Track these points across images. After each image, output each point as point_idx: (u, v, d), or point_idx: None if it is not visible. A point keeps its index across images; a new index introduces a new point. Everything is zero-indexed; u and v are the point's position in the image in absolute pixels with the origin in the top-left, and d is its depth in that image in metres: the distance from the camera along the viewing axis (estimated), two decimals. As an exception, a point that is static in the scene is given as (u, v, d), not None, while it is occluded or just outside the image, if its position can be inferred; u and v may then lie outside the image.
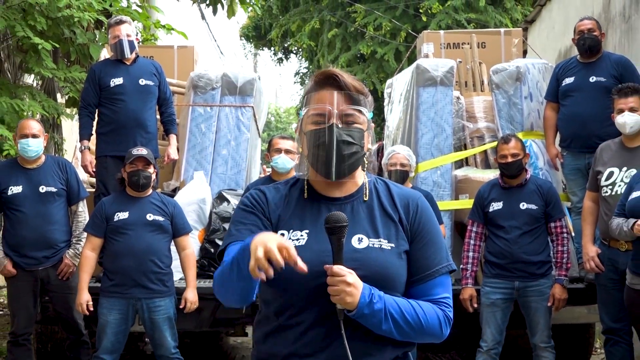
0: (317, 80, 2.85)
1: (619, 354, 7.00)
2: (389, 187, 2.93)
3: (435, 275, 2.82)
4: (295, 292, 2.71)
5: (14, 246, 7.41)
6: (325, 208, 2.81)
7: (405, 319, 2.69)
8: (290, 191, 2.90)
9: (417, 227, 2.85)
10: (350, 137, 2.77)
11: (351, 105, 2.79)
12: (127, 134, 8.04)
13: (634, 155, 6.79)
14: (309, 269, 2.60)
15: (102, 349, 7.09)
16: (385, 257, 2.76)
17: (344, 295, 2.59)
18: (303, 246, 2.71)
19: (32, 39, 9.80)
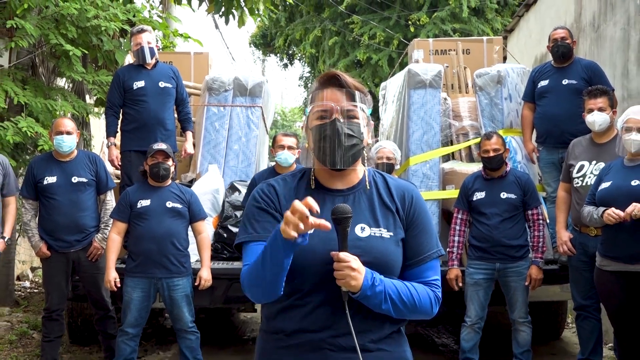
0: (321, 80, 2.85)
1: (588, 328, 7.03)
2: (386, 179, 2.93)
3: (426, 260, 2.84)
4: (305, 276, 2.72)
5: (49, 231, 7.43)
6: (330, 199, 2.81)
7: (402, 299, 2.71)
8: (298, 183, 2.89)
9: (412, 217, 2.86)
10: (351, 130, 2.77)
11: (351, 102, 2.79)
12: (148, 131, 8.06)
13: (603, 150, 6.79)
14: (316, 256, 2.66)
15: (126, 323, 7.13)
16: (385, 245, 2.78)
17: (349, 279, 2.60)
18: (311, 234, 2.66)
19: (64, 46, 9.80)
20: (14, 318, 9.92)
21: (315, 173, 2.89)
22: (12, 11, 9.83)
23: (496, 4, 19.65)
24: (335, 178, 2.86)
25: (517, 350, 7.33)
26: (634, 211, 5.84)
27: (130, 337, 7.16)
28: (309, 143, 2.87)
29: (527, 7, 12.94)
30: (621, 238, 6.01)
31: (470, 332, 7.29)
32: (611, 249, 6.14)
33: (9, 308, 10.45)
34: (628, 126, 6.08)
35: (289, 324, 2.78)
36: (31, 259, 13.68)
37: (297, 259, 2.65)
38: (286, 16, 23.01)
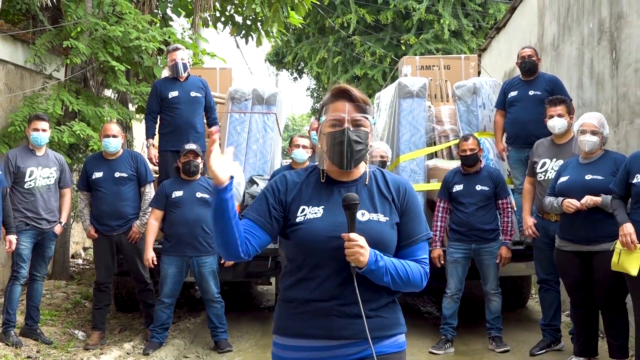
0: (333, 93, 2.87)
1: (549, 298, 7.04)
2: (384, 174, 2.94)
3: (418, 242, 2.85)
4: (314, 252, 2.75)
5: (96, 217, 7.48)
6: (337, 190, 2.83)
7: (399, 274, 2.73)
8: (308, 177, 2.91)
9: (405, 205, 2.87)
10: (359, 138, 2.79)
11: (359, 113, 2.82)
12: (181, 134, 8.05)
13: (561, 150, 6.80)
14: (324, 235, 2.72)
15: (163, 294, 7.17)
16: (381, 227, 2.79)
17: (357, 256, 2.63)
18: (320, 218, 2.77)
19: (110, 62, 9.81)
20: (69, 290, 9.93)
21: (326, 169, 2.90)
22: (67, 33, 9.86)
23: (472, 27, 19.62)
24: (342, 173, 2.88)
25: (490, 316, 7.34)
26: (587, 202, 5.89)
27: (167, 306, 7.21)
28: (322, 146, 2.87)
29: (497, 30, 12.92)
30: (577, 223, 6.03)
31: (450, 301, 7.30)
32: (568, 233, 6.15)
33: (65, 281, 10.47)
34: (583, 129, 6.09)
35: (301, 294, 2.79)
36: (83, 240, 13.70)
37: (307, 238, 2.74)
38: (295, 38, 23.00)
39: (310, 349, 2.78)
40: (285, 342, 2.84)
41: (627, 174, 5.48)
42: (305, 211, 2.81)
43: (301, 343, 2.80)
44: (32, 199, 7.32)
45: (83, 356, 7.01)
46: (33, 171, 7.36)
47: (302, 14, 12.79)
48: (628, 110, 7.07)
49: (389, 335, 2.82)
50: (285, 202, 2.85)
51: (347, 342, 2.75)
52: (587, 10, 8.26)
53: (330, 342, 2.76)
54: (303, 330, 2.79)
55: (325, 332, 2.75)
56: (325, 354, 2.77)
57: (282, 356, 2.85)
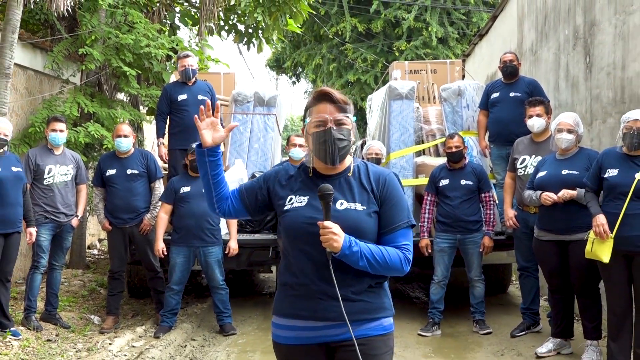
0: (315, 96, 2.90)
1: (529, 284, 7.05)
2: (368, 167, 2.95)
3: (398, 229, 2.83)
4: (297, 237, 2.81)
5: (110, 210, 7.48)
6: (321, 182, 2.83)
7: (375, 258, 2.72)
8: (298, 172, 2.95)
9: (385, 195, 2.86)
10: (342, 135, 2.82)
11: (341, 114, 2.84)
12: (189, 133, 8.03)
13: (540, 147, 6.79)
14: (305, 220, 2.79)
15: (172, 281, 7.16)
16: (358, 215, 2.79)
17: (331, 242, 2.65)
18: (303, 206, 2.82)
19: (122, 68, 9.80)
20: (85, 278, 9.93)
21: (314, 165, 2.92)
22: (82, 41, 9.85)
23: (457, 34, 19.61)
24: (328, 168, 2.90)
25: (474, 301, 7.35)
26: (564, 195, 5.89)
27: (175, 292, 7.20)
28: (308, 145, 2.91)
29: (480, 37, 12.91)
30: (554, 215, 6.02)
31: (437, 287, 7.31)
32: (546, 224, 6.14)
33: (81, 270, 10.47)
34: (559, 128, 6.08)
35: (290, 278, 2.84)
36: (98, 232, 13.70)
37: (291, 224, 2.82)
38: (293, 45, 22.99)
39: (300, 328, 2.81)
40: (281, 322, 2.88)
41: (599, 169, 5.48)
42: (292, 200, 2.85)
43: (293, 323, 2.83)
44: (50, 194, 7.32)
45: (98, 339, 7.01)
46: (51, 169, 7.36)
47: (299, 22, 12.78)
48: (601, 110, 7.08)
49: (372, 318, 2.81)
50: (273, 189, 2.93)
51: (331, 324, 2.77)
52: (563, 18, 8.26)
53: (317, 323, 2.78)
54: (293, 311, 2.82)
55: (311, 314, 2.78)
56: (312, 334, 2.80)
57: (278, 334, 2.89)
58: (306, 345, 2.80)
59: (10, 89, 7.70)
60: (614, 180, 5.33)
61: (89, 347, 6.75)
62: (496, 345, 6.77)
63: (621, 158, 5.38)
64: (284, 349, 2.87)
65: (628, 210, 5.20)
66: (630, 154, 5.34)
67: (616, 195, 5.29)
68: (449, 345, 6.86)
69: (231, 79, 10.58)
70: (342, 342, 2.76)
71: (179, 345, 6.81)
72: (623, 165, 5.33)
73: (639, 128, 5.23)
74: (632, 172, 5.25)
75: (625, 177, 5.26)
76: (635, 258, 5.23)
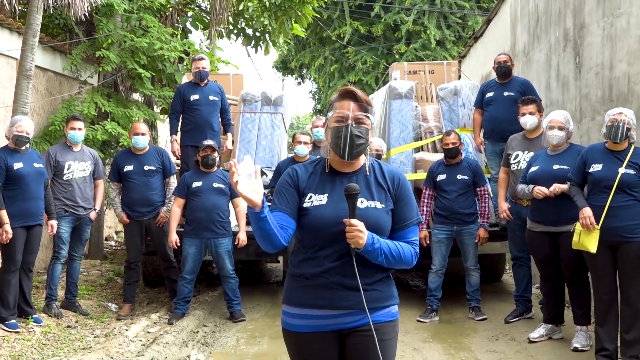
0: (340, 93, 2.87)
1: (521, 273, 7.04)
2: (382, 166, 2.94)
3: (409, 225, 2.86)
4: (320, 234, 2.76)
5: (127, 204, 7.48)
6: (340, 180, 2.83)
7: (392, 254, 2.73)
8: (315, 168, 2.92)
9: (399, 194, 2.86)
10: (360, 133, 2.79)
11: (361, 112, 2.81)
12: (200, 131, 8.05)
13: (532, 143, 6.78)
14: (328, 220, 2.74)
15: (185, 271, 7.17)
16: (378, 213, 2.79)
17: (357, 239, 2.64)
18: (324, 205, 2.78)
19: (137, 70, 9.81)
20: (103, 268, 9.95)
21: (330, 160, 2.90)
22: (99, 45, 9.85)
23: (453, 37, 19.58)
24: (344, 165, 2.88)
25: (469, 289, 7.34)
26: (555, 189, 5.88)
27: (188, 281, 7.21)
28: (327, 138, 2.88)
29: (475, 39, 12.88)
30: (545, 207, 6.02)
31: (435, 276, 7.30)
32: (538, 216, 6.13)
33: (99, 261, 10.48)
34: (551, 125, 6.07)
35: (308, 270, 2.80)
36: (115, 224, 13.71)
37: (314, 221, 2.76)
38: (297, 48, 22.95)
39: (314, 317, 2.80)
40: (293, 310, 2.85)
41: (584, 164, 5.48)
42: (312, 198, 2.81)
43: (307, 312, 2.81)
44: (70, 189, 7.33)
45: (115, 325, 7.02)
46: (71, 165, 7.37)
47: (304, 26, 12.76)
48: (590, 108, 7.06)
49: (383, 306, 2.83)
50: (301, 190, 2.86)
51: (346, 312, 2.77)
52: (554, 21, 8.24)
53: (332, 312, 2.78)
54: (309, 301, 2.80)
55: (328, 303, 2.77)
56: (327, 322, 2.79)
57: (290, 323, 2.87)
58: (320, 333, 2.80)
59: (32, 90, 7.69)
60: (598, 175, 5.34)
61: (106, 333, 6.76)
62: (491, 330, 6.77)
63: (605, 153, 5.39)
64: (295, 336, 2.85)
65: (613, 202, 5.21)
66: (613, 150, 5.34)
67: (601, 189, 5.30)
68: (446, 331, 6.86)
69: (240, 79, 10.57)
70: (355, 329, 2.78)
71: (191, 331, 6.82)
72: (607, 160, 5.33)
73: (623, 120, 5.25)
74: (615, 167, 5.26)
75: (609, 172, 5.27)
76: (620, 247, 5.24)
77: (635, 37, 6.07)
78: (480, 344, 6.35)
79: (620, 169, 5.23)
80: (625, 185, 5.20)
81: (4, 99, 8.36)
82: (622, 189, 5.19)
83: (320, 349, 2.81)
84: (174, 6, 11.78)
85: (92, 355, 5.87)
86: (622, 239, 5.20)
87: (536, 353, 5.94)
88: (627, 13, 6.23)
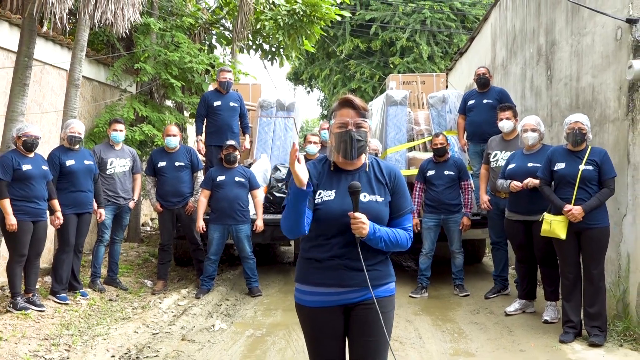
0: (340, 102, 2.86)
1: (499, 255, 7.05)
2: (379, 163, 2.93)
3: (404, 214, 2.85)
4: (329, 226, 2.75)
5: (161, 195, 7.48)
6: (344, 177, 2.82)
7: (390, 240, 2.74)
8: (322, 167, 2.90)
9: (395, 187, 2.86)
10: (360, 136, 2.79)
11: (360, 118, 2.80)
12: (222, 133, 8.05)
13: (509, 144, 6.76)
14: (336, 213, 2.73)
15: (210, 252, 7.18)
16: (378, 206, 2.79)
17: (360, 230, 2.64)
18: (332, 200, 2.77)
19: (170, 80, 9.85)
20: (140, 249, 9.97)
21: (335, 160, 2.89)
22: (137, 58, 9.87)
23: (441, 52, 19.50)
24: (347, 163, 2.87)
25: (454, 269, 7.33)
26: (529, 183, 5.87)
27: (213, 261, 7.22)
28: (331, 142, 2.87)
29: (460, 54, 12.84)
30: (521, 199, 6.01)
31: (425, 258, 7.29)
32: (515, 207, 6.13)
33: (137, 243, 10.52)
34: (525, 128, 6.07)
35: (318, 254, 2.79)
36: (150, 212, 13.74)
37: (324, 215, 2.74)
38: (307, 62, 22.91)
39: (324, 294, 2.80)
40: (305, 288, 2.85)
41: (550, 163, 5.49)
42: (321, 194, 2.80)
43: (317, 289, 2.81)
44: (112, 182, 7.35)
45: (151, 299, 7.04)
46: (113, 161, 7.39)
47: (313, 42, 12.75)
48: (559, 114, 7.04)
49: (382, 283, 2.83)
50: (314, 186, 2.82)
51: (351, 289, 2.77)
52: (529, 38, 8.20)
53: (339, 289, 2.78)
54: (319, 280, 2.79)
55: (336, 282, 2.77)
56: (335, 298, 2.79)
57: (302, 298, 2.86)
58: (328, 307, 2.79)
59: (79, 97, 7.72)
60: (562, 172, 5.35)
61: (143, 305, 6.79)
62: (473, 305, 6.76)
63: (566, 154, 5.41)
64: (307, 310, 2.84)
65: (577, 195, 5.24)
66: (574, 150, 5.37)
67: (565, 184, 5.33)
68: (435, 305, 6.86)
69: (258, 88, 10.57)
70: (359, 303, 2.78)
71: (215, 304, 6.84)
72: (568, 160, 5.36)
73: (579, 128, 5.29)
74: (576, 165, 5.29)
75: (571, 169, 5.30)
76: (583, 233, 5.25)
77: (599, 53, 6.05)
78: (464, 316, 6.35)
79: (581, 166, 5.26)
80: (586, 179, 5.23)
81: (56, 104, 8.40)
82: (584, 182, 5.22)
83: (328, 321, 2.81)
84: (202, 25, 11.78)
85: (130, 324, 5.90)
86: (585, 226, 5.21)
87: (512, 324, 5.94)
88: (592, 32, 6.21)
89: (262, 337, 5.65)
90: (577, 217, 5.18)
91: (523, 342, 5.38)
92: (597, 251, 5.23)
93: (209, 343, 5.42)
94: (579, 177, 5.22)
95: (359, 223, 2.64)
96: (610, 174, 5.22)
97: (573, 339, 5.31)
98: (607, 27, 5.86)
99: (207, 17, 12.08)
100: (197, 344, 5.39)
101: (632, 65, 5.24)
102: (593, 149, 5.35)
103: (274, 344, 5.40)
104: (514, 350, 5.18)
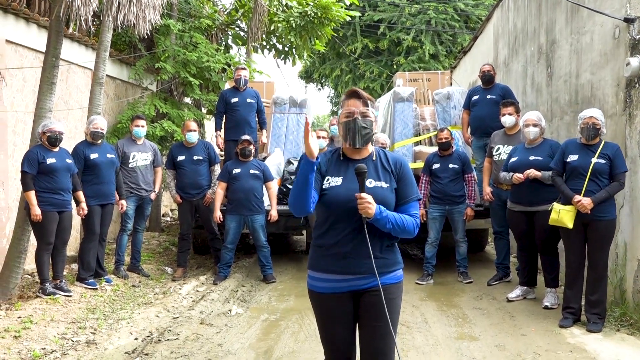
0: (347, 94, 2.85)
1: (501, 244, 7.01)
2: (386, 153, 2.90)
3: (410, 201, 2.80)
4: (336, 210, 2.73)
5: (181, 187, 7.48)
6: (352, 165, 2.78)
7: (397, 223, 2.69)
8: (332, 156, 2.88)
9: (401, 175, 2.83)
10: (365, 124, 2.77)
11: (365, 108, 2.79)
12: (240, 128, 8.03)
13: (511, 138, 6.70)
14: (343, 198, 2.70)
15: (227, 241, 7.18)
16: (384, 191, 2.75)
17: (367, 209, 2.60)
18: (339, 185, 2.74)
19: (188, 78, 9.83)
20: (161, 238, 10.00)
21: (343, 150, 2.87)
22: (158, 58, 9.87)
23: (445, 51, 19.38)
24: (355, 152, 2.84)
25: (459, 257, 7.30)
26: (530, 174, 5.83)
27: (230, 250, 7.22)
28: (339, 132, 2.86)
29: (464, 53, 12.75)
30: (523, 191, 5.96)
31: (430, 247, 7.26)
32: (517, 198, 6.07)
33: (158, 233, 10.54)
34: (527, 123, 6.01)
35: (327, 241, 2.77)
36: (170, 203, 13.78)
37: (331, 200, 2.72)
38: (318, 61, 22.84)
39: (333, 280, 2.77)
40: (316, 275, 2.82)
41: (563, 154, 5.41)
42: (329, 180, 2.78)
43: (327, 276, 2.78)
44: (134, 174, 7.36)
45: (171, 285, 7.07)
46: (135, 155, 7.40)
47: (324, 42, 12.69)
48: (559, 110, 6.97)
49: (390, 270, 2.80)
50: (322, 173, 2.81)
51: (359, 276, 2.74)
52: (530, 37, 8.12)
53: (348, 276, 2.75)
54: (328, 267, 2.77)
55: (344, 269, 2.74)
56: (343, 285, 2.76)
57: (314, 284, 2.84)
58: (338, 293, 2.77)
59: (103, 95, 7.73)
60: (574, 164, 5.26)
61: (164, 291, 6.81)
62: (476, 291, 6.73)
63: (580, 147, 5.32)
64: (318, 296, 2.82)
65: (587, 187, 5.16)
66: (587, 144, 5.27)
67: (577, 175, 5.24)
68: (440, 292, 6.84)
69: (271, 86, 10.56)
70: (367, 290, 2.75)
71: (232, 290, 6.85)
72: (581, 152, 5.26)
73: (594, 123, 5.18)
74: (588, 158, 5.20)
75: (584, 162, 5.21)
76: (591, 224, 5.18)
77: (598, 51, 5.98)
78: (468, 302, 6.32)
79: (593, 159, 5.17)
80: (597, 172, 5.14)
81: (82, 102, 8.42)
82: (595, 175, 5.14)
83: (338, 306, 2.79)
84: (218, 26, 11.76)
85: (152, 309, 5.92)
86: (594, 217, 5.14)
87: (513, 310, 5.90)
88: (591, 31, 6.13)
89: (276, 321, 5.65)
90: (586, 207, 5.12)
91: (524, 326, 5.35)
92: (603, 242, 5.17)
93: (226, 327, 5.43)
94: (590, 169, 5.15)
95: (365, 203, 2.60)
96: (621, 168, 5.12)
97: (572, 324, 5.28)
98: (606, 26, 5.79)
99: (223, 18, 12.06)
100: (215, 327, 5.40)
101: (630, 62, 5.19)
102: (606, 143, 5.24)
103: (288, 328, 5.40)
104: (516, 334, 5.15)
